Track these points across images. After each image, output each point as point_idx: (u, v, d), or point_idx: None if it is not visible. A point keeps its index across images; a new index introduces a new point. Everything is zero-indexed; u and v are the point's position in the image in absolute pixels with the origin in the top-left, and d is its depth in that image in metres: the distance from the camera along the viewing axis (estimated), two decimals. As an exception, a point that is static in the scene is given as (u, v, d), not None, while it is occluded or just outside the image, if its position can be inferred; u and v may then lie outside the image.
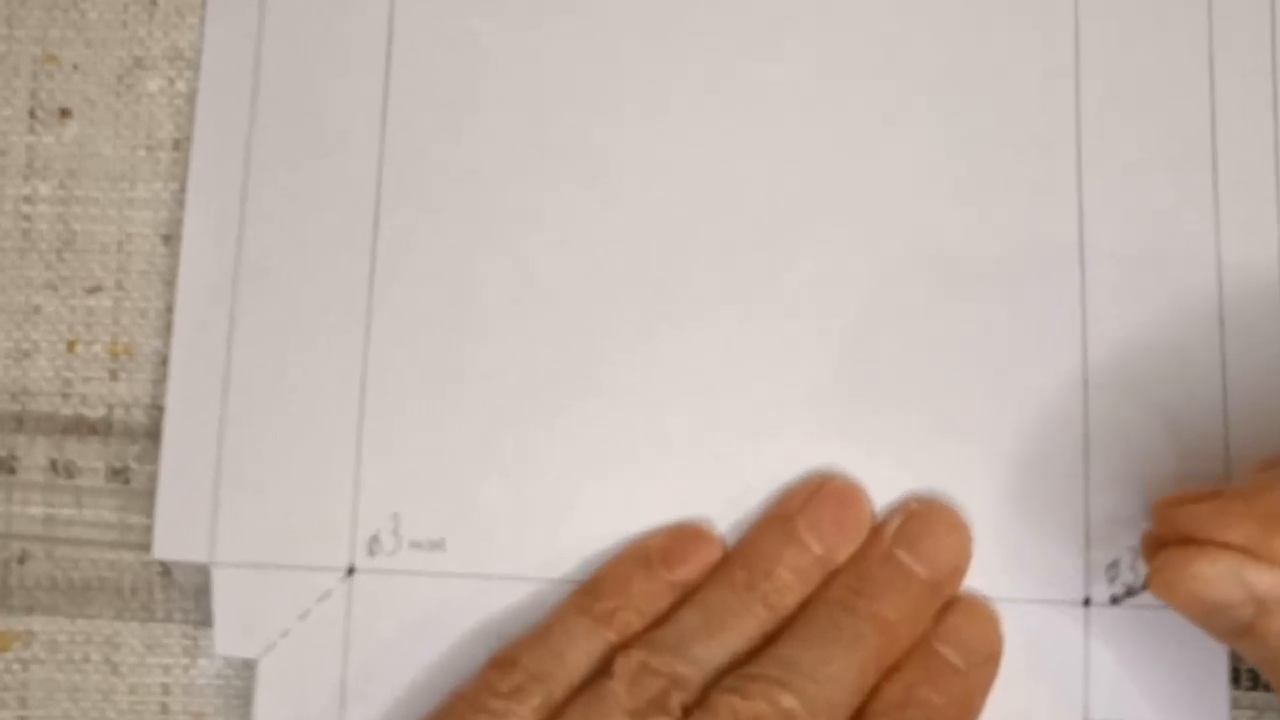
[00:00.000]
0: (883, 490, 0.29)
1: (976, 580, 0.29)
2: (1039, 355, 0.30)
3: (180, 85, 0.31)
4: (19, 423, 0.30)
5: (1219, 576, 0.24)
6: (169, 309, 0.30)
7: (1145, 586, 0.28)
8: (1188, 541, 0.25)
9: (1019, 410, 0.30)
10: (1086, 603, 0.29)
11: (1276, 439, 0.29)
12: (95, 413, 0.30)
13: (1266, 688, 0.29)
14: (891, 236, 0.30)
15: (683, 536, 0.29)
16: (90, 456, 0.29)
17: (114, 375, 0.30)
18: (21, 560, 0.29)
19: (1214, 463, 0.29)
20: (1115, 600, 0.28)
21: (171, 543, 0.29)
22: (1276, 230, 0.30)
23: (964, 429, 0.30)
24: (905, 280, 0.30)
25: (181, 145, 0.31)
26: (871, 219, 0.30)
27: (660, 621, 0.28)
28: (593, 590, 0.28)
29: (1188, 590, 0.25)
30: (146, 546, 0.29)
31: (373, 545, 0.29)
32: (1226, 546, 0.24)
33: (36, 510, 0.29)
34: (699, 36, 0.31)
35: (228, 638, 0.29)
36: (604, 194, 0.30)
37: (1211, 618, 0.25)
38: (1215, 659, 0.28)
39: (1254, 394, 0.29)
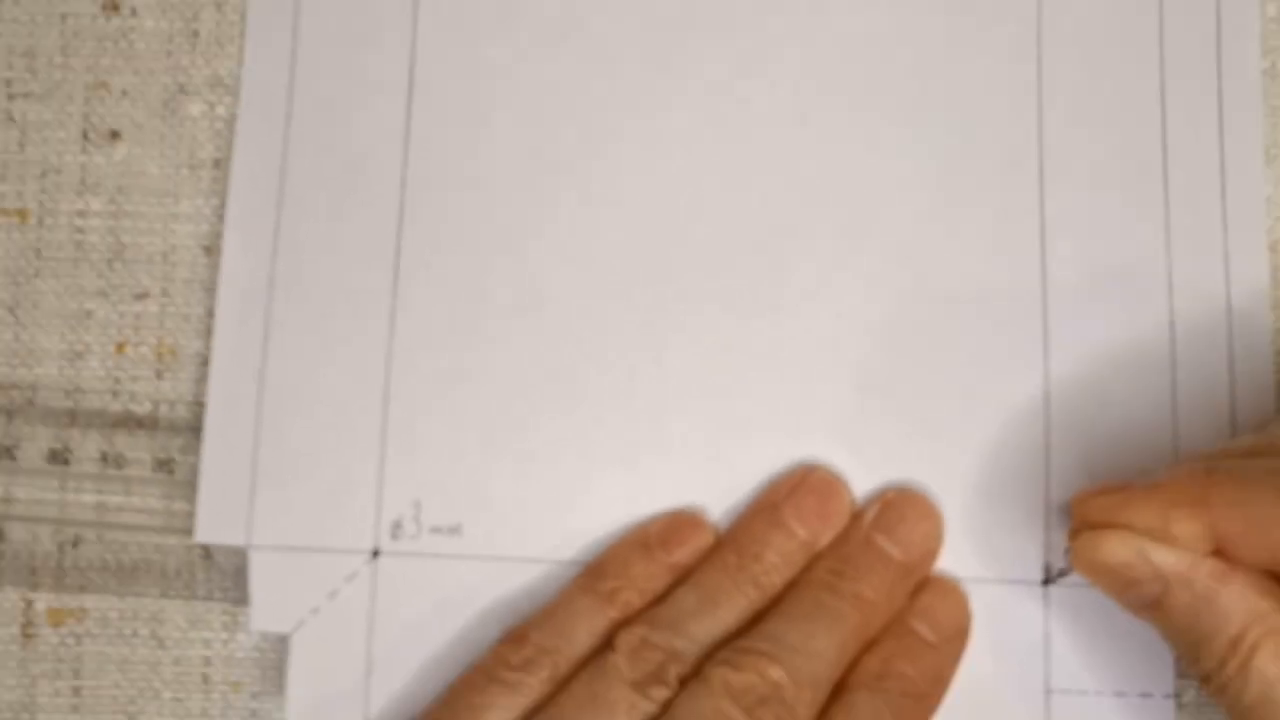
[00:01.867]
0: (862, 481, 0.29)
1: (947, 563, 0.29)
2: (1006, 362, 0.29)
3: (221, 110, 0.31)
4: (73, 418, 0.30)
5: (1128, 554, 0.25)
6: (210, 314, 0.30)
7: (1061, 573, 0.28)
8: (1103, 527, 0.26)
9: (988, 411, 0.29)
10: (1046, 582, 0.29)
11: (1220, 438, 0.29)
12: (142, 409, 0.30)
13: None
14: (873, 252, 0.30)
15: (679, 523, 0.29)
16: (138, 449, 0.29)
17: (159, 375, 0.30)
18: (75, 544, 0.29)
19: (1164, 461, 0.29)
20: (1063, 574, 0.28)
21: (212, 528, 0.29)
22: (1221, 246, 0.30)
23: (938, 428, 0.29)
24: (886, 293, 0.30)
25: (221, 164, 0.31)
26: (854, 236, 0.30)
27: (658, 600, 0.27)
28: (597, 571, 0.28)
29: (1104, 565, 0.25)
30: (189, 531, 0.29)
31: (395, 530, 0.29)
32: (1131, 529, 0.25)
33: (89, 498, 0.29)
34: (694, 62, 0.30)
35: (263, 614, 0.29)
36: (607, 207, 0.30)
37: (1125, 592, 0.25)
38: (1162, 632, 0.28)
39: (1201, 398, 0.29)
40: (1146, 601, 0.25)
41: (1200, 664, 0.25)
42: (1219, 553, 0.24)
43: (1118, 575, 0.25)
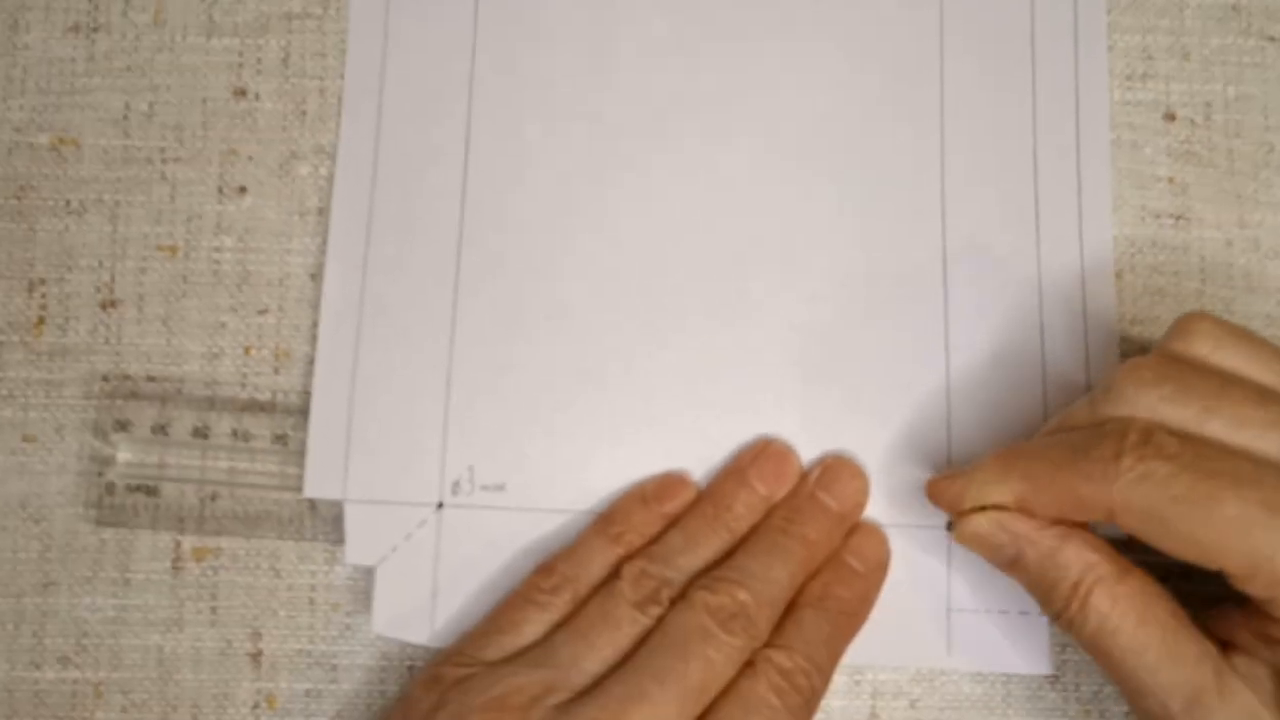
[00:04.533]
0: (807, 449, 0.29)
1: (872, 512, 0.29)
2: (916, 358, 0.30)
3: (323, 171, 0.31)
4: (211, 403, 0.30)
5: (991, 526, 0.25)
6: (314, 325, 0.30)
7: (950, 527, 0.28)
8: (953, 505, 0.26)
9: (903, 396, 0.29)
10: (949, 527, 0.27)
11: (1072, 384, 0.29)
12: (264, 396, 0.30)
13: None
14: (811, 275, 0.30)
15: (669, 482, 0.29)
16: (260, 427, 0.29)
17: (277, 370, 0.30)
18: (213, 499, 0.29)
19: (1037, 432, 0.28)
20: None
21: (316, 486, 0.29)
22: (1079, 273, 0.30)
23: (864, 408, 0.29)
24: (821, 304, 0.30)
25: (323, 212, 0.31)
26: (797, 262, 0.30)
27: (654, 541, 0.28)
28: (607, 519, 0.28)
29: (974, 535, 0.26)
30: (299, 489, 0.29)
31: (455, 488, 0.29)
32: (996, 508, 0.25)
33: (223, 464, 0.29)
34: (677, 136, 0.31)
35: (355, 551, 0.29)
36: (614, 242, 0.30)
37: (992, 554, 0.26)
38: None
39: (1063, 384, 0.29)
40: (1008, 560, 0.25)
41: (1051, 605, 0.25)
42: (1025, 510, 0.25)
43: (985, 542, 0.25)
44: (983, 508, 0.25)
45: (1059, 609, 0.25)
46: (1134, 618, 0.23)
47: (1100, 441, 0.23)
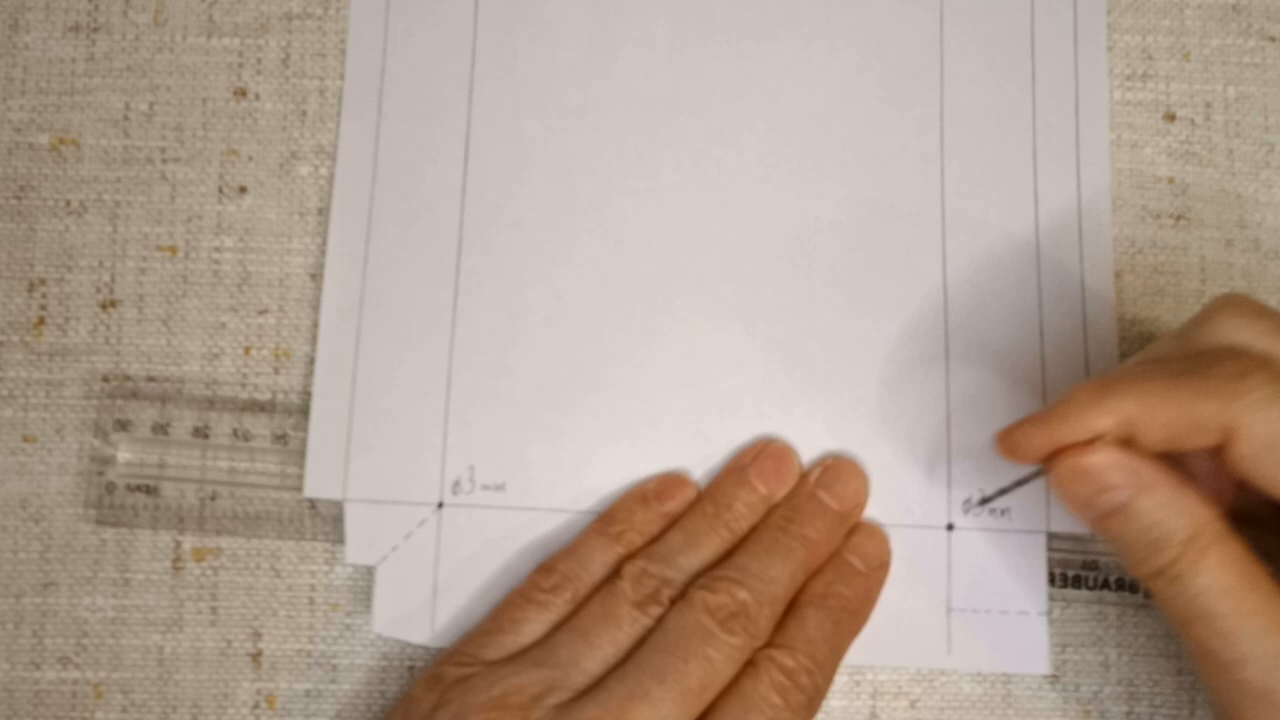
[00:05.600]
0: (808, 450, 0.29)
1: (873, 511, 0.29)
2: (917, 364, 0.29)
3: (323, 170, 0.31)
4: (211, 403, 0.30)
5: (1109, 461, 0.23)
6: (315, 325, 0.30)
7: (985, 500, 0.28)
8: (1048, 443, 0.23)
9: (903, 399, 0.29)
10: (949, 528, 0.29)
11: (1072, 384, 0.28)
12: (264, 396, 0.30)
13: (1075, 585, 0.29)
14: (813, 277, 0.30)
15: (670, 481, 0.29)
16: (260, 426, 0.29)
17: (277, 370, 0.30)
18: (213, 498, 0.29)
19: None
20: (986, 500, 0.28)
21: (317, 485, 0.29)
22: (1078, 274, 0.30)
23: (865, 408, 0.29)
24: (822, 304, 0.30)
25: (323, 212, 0.31)
26: (800, 265, 0.30)
27: (654, 540, 0.28)
28: (608, 518, 0.29)
29: (1084, 473, 0.23)
30: (299, 489, 0.29)
31: (455, 487, 0.29)
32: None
33: (224, 464, 0.29)
34: (680, 134, 0.30)
35: (355, 551, 0.29)
36: (614, 243, 0.30)
37: (1096, 498, 0.23)
38: (1038, 566, 0.29)
39: (1062, 380, 0.29)
40: (1112, 506, 0.23)
41: (1155, 559, 0.22)
42: (1127, 442, 0.22)
43: (1094, 481, 0.23)
44: (1088, 442, 0.22)
45: (1163, 564, 0.22)
46: (1248, 580, 0.22)
47: (1219, 360, 0.21)
